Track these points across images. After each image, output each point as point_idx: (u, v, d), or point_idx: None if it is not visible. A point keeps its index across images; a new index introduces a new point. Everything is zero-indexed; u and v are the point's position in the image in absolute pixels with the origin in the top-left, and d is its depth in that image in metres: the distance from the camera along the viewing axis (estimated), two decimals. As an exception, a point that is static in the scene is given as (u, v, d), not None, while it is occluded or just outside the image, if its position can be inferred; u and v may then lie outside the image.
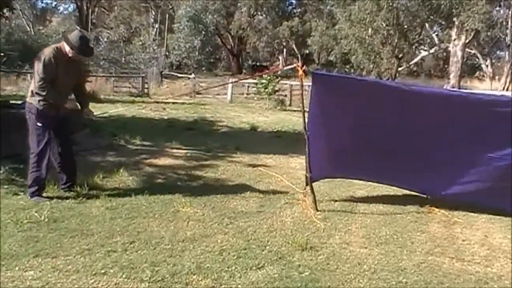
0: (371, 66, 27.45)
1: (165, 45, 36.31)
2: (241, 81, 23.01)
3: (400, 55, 27.98)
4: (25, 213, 4.89)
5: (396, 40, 26.68)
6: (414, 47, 30.75)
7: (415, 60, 33.01)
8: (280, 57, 44.77)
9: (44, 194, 5.54)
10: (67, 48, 5.36)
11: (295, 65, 5.52)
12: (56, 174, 5.78)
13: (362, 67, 28.89)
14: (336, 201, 6.18)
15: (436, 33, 31.34)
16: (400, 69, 28.97)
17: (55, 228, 4.58)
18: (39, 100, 5.34)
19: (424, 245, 4.79)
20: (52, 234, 4.44)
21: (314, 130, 5.64)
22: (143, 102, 18.91)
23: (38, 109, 5.36)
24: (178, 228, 4.81)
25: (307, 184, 5.87)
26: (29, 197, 5.44)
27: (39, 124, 5.36)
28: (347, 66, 34.20)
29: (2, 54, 10.03)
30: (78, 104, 5.83)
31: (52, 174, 5.72)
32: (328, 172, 6.17)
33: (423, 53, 32.91)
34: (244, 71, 46.25)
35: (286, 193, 6.42)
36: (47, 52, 5.31)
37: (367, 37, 26.72)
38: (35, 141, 5.40)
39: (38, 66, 5.26)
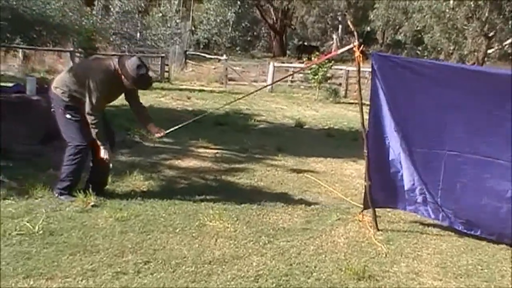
0: (451, 47, 26.90)
1: (190, 18, 36.63)
2: (296, 71, 22.74)
3: (491, 33, 27.24)
4: (15, 223, 4.96)
5: (486, 14, 25.99)
6: (510, 22, 29.88)
7: (512, 39, 32.17)
8: (334, 36, 44.46)
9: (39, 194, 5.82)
10: (122, 76, 5.78)
11: (351, 45, 5.46)
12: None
13: (439, 48, 28.36)
14: (402, 218, 6.11)
15: (543, 2, 30.33)
16: (490, 51, 28.24)
17: (52, 243, 4.65)
18: (62, 92, 5.72)
19: (518, 280, 4.68)
20: (48, 249, 4.51)
21: (376, 132, 5.59)
22: (162, 88, 19.13)
23: (63, 100, 5.73)
24: (204, 247, 4.84)
25: (365, 199, 5.82)
26: (55, 194, 5.79)
27: (68, 116, 5.72)
28: (419, 48, 33.68)
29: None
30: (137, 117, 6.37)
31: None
32: (392, 200, 5.98)
33: (524, 30, 32.00)
34: (288, 52, 46.23)
35: (338, 207, 6.40)
36: (105, 74, 5.72)
37: (447, 10, 26.18)
38: (74, 131, 5.74)
39: (93, 89, 5.61)
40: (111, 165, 6.03)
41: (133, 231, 5.05)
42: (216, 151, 8.92)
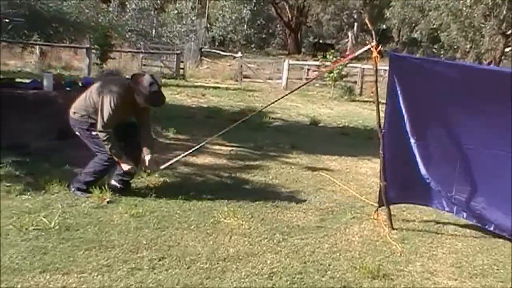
0: (468, 45, 26.71)
1: (206, 15, 36.68)
2: (315, 76, 22.65)
3: (509, 32, 27.03)
4: (31, 218, 5.00)
5: (504, 11, 25.75)
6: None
7: (530, 37, 31.78)
8: (350, 34, 44.39)
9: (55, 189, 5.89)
10: (135, 94, 5.86)
11: (369, 46, 5.45)
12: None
13: (455, 47, 28.17)
14: (418, 218, 6.10)
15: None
16: (507, 49, 27.99)
17: (68, 238, 4.69)
18: (81, 116, 5.84)
19: (535, 280, 4.64)
20: (64, 245, 4.55)
21: (392, 129, 5.57)
22: (177, 85, 19.20)
23: (86, 122, 5.83)
24: (218, 244, 4.85)
25: (380, 196, 5.81)
26: (72, 188, 5.87)
27: (94, 133, 5.81)
28: (435, 46, 33.48)
29: (7, 20, 10.24)
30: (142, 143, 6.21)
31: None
32: (406, 195, 5.99)
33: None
34: (303, 50, 46.19)
35: (353, 205, 6.39)
36: (118, 91, 5.79)
37: (464, 8, 25.97)
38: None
39: (106, 105, 5.69)
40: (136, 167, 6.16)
41: (148, 227, 5.08)
42: (230, 148, 8.93)
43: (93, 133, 5.77)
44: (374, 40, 5.32)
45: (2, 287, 3.75)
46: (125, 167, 5.86)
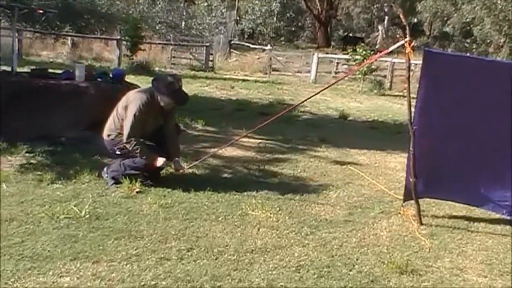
0: (502, 40, 26.33)
1: (236, 8, 36.69)
2: (347, 74, 22.55)
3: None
4: (63, 207, 5.09)
5: (541, 4, 25.40)
6: None
7: None
8: (380, 27, 44.06)
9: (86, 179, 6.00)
10: (159, 97, 5.97)
11: (403, 41, 5.38)
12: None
13: (488, 41, 27.81)
14: (447, 213, 6.04)
15: None
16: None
17: (98, 227, 4.76)
18: (116, 135, 5.96)
19: None
20: (94, 234, 4.62)
21: (423, 126, 5.53)
22: (206, 78, 19.28)
23: (120, 141, 5.92)
24: (246, 236, 4.87)
25: (408, 191, 5.76)
26: (106, 175, 6.02)
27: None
28: (468, 40, 33.10)
29: (41, 11, 10.38)
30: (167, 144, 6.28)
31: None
32: (435, 191, 5.92)
33: None
34: (332, 43, 45.98)
35: (381, 199, 6.35)
36: (141, 100, 5.86)
37: (499, 1, 25.62)
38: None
39: (129, 115, 5.81)
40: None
41: (176, 218, 5.12)
42: (259, 141, 8.93)
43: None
44: (407, 35, 5.26)
45: (34, 274, 3.83)
46: (159, 163, 5.93)
